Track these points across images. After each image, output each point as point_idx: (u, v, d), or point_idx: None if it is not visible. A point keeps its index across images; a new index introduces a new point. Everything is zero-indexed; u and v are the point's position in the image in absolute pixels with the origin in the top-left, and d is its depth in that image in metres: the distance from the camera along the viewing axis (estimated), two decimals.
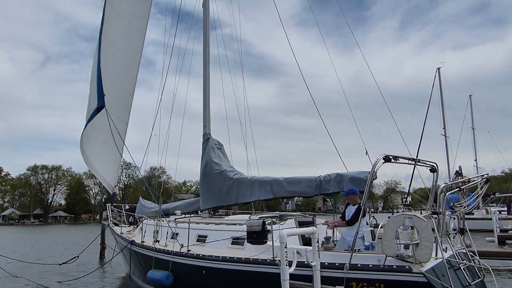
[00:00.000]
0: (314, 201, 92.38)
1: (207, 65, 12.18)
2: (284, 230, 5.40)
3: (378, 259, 5.63)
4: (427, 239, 5.20)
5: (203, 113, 12.03)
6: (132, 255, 11.09)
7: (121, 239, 12.68)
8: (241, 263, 7.12)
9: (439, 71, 36.47)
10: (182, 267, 8.42)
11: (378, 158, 5.94)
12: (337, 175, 8.48)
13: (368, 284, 5.59)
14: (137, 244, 10.67)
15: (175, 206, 12.98)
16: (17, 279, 13.93)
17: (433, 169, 7.04)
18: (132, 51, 13.74)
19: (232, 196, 10.50)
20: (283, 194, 9.57)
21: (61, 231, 50.53)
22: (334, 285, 5.71)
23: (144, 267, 10.14)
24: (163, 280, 8.62)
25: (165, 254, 8.94)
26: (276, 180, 9.59)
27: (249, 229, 6.88)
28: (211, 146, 11.40)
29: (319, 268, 5.64)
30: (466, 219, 6.97)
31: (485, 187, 6.16)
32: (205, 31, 12.46)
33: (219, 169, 10.83)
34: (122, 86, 13.59)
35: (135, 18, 13.47)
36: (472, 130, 41.60)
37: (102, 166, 14.45)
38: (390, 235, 5.43)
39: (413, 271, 5.30)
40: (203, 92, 12.09)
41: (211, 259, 7.67)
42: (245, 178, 10.34)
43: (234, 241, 8.03)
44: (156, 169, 70.25)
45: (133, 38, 13.64)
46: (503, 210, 30.27)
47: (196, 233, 8.96)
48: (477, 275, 6.24)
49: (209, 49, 12.36)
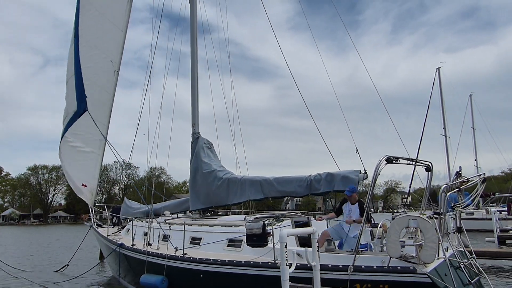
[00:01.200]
0: (314, 201, 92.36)
1: (195, 63, 11.91)
2: (284, 230, 5.38)
3: (382, 261, 5.64)
4: (432, 240, 5.21)
5: (192, 111, 11.77)
6: (122, 258, 10.65)
7: (108, 242, 12.20)
8: (241, 267, 6.93)
9: (439, 71, 36.47)
10: (177, 271, 8.14)
11: (381, 159, 5.97)
12: (327, 174, 8.39)
13: (372, 286, 5.59)
14: (127, 247, 10.27)
15: (163, 206, 12.66)
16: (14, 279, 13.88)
17: (428, 168, 7.07)
18: (110, 49, 13.13)
19: (222, 197, 10.26)
20: (274, 194, 9.39)
21: (62, 231, 50.53)
22: (338, 287, 5.72)
23: (136, 271, 9.74)
24: (157, 285, 8.29)
25: (159, 258, 8.65)
26: (267, 179, 9.43)
27: (249, 232, 6.75)
28: (201, 146, 11.15)
29: (319, 269, 5.63)
30: (466, 219, 7.04)
31: (482, 187, 6.22)
32: (192, 29, 12.13)
33: (209, 169, 10.59)
34: (101, 86, 13.05)
35: (114, 16, 13.00)
36: (472, 130, 41.61)
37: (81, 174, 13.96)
38: (394, 237, 5.45)
39: (417, 272, 5.32)
40: (191, 90, 11.86)
41: (209, 262, 7.44)
42: (235, 178, 10.13)
43: (230, 243, 7.82)
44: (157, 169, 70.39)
45: (112, 36, 13.11)
46: (503, 210, 30.30)
47: (190, 235, 8.68)
48: (474, 274, 6.27)
49: (197, 47, 12.08)
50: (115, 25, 12.98)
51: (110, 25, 12.91)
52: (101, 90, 13.01)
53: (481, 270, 6.39)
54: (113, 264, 12.41)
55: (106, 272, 14.68)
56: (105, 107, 13.19)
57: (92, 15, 12.66)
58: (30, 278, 13.78)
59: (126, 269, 10.74)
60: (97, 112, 12.79)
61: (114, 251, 11.17)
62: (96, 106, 12.79)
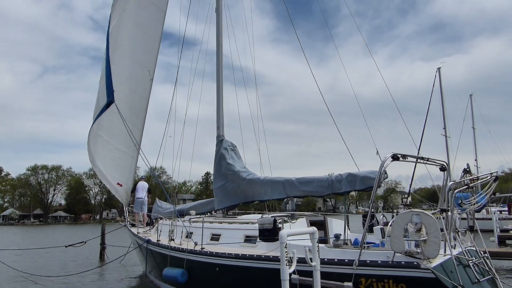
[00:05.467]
0: (314, 201, 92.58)
1: (220, 72, 12.45)
2: (284, 230, 5.46)
3: (387, 256, 5.73)
4: (435, 235, 5.29)
5: (217, 116, 12.29)
6: (148, 253, 11.32)
7: (137, 238, 12.92)
8: (253, 260, 7.26)
9: (439, 71, 36.45)
10: (196, 264, 8.58)
11: (387, 156, 6.04)
12: (348, 175, 8.59)
13: (377, 280, 5.68)
14: (153, 242, 10.87)
15: (190, 206, 13.23)
16: (16, 272, 14.06)
17: (443, 167, 7.13)
18: (145, 56, 13.62)
19: (245, 196, 10.71)
20: (296, 194, 9.73)
21: (62, 232, 50.61)
22: (343, 281, 5.80)
23: (160, 265, 10.32)
24: (178, 277, 8.79)
25: (180, 252, 9.12)
26: (288, 180, 9.74)
27: (261, 227, 7.08)
28: (225, 148, 11.55)
29: (319, 269, 5.70)
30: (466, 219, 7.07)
31: (494, 185, 6.25)
32: (218, 37, 12.67)
33: (233, 170, 11.01)
34: (136, 91, 13.48)
35: (148, 26, 13.49)
36: (472, 130, 41.64)
37: (114, 171, 14.05)
38: (398, 232, 5.54)
39: (421, 267, 5.39)
40: (216, 96, 12.40)
41: (224, 256, 7.83)
42: (258, 179, 10.49)
43: (246, 239, 8.21)
44: (157, 169, 70.41)
45: (147, 43, 13.59)
46: (503, 210, 30.38)
47: (210, 232, 9.14)
48: (487, 273, 6.26)
49: (222, 54, 12.61)
50: (150, 35, 13.59)
51: (145, 35, 13.48)
52: (138, 97, 13.63)
53: (493, 270, 6.35)
54: (141, 259, 13.29)
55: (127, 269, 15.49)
56: (140, 113, 13.83)
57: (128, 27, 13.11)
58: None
59: (152, 263, 11.38)
60: (135, 117, 13.39)
61: (140, 246, 11.94)
62: (133, 111, 13.34)
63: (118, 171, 13.98)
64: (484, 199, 6.41)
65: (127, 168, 14.19)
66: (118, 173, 14.03)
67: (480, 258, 6.45)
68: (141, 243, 11.91)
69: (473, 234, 6.96)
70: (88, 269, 14.34)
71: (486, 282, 6.02)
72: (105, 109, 11.95)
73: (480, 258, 6.45)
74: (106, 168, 13.74)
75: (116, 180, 14.10)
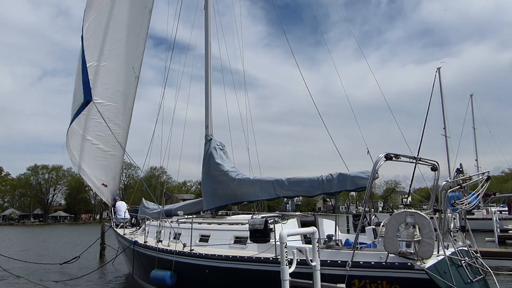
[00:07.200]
0: (314, 201, 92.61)
1: (208, 71, 12.22)
2: (284, 230, 5.43)
3: (380, 257, 5.65)
4: (429, 236, 5.21)
5: (205, 115, 12.04)
6: (135, 255, 11.10)
7: (123, 240, 12.68)
8: (244, 262, 7.13)
9: (439, 71, 36.40)
10: (185, 266, 8.43)
11: (380, 156, 5.96)
12: (339, 175, 8.50)
13: (370, 282, 5.60)
14: (140, 244, 10.66)
15: (177, 207, 12.94)
16: (18, 278, 13.92)
17: (434, 167, 7.05)
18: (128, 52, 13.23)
19: (234, 197, 10.48)
20: (286, 194, 9.56)
21: (62, 232, 50.56)
22: (336, 283, 5.71)
23: (147, 267, 10.13)
24: (166, 280, 8.59)
25: (168, 254, 8.94)
26: (278, 180, 9.58)
27: (252, 228, 6.93)
28: (213, 147, 11.31)
29: (319, 268, 5.64)
30: (467, 219, 6.97)
31: (486, 185, 6.17)
32: (206, 35, 12.43)
33: (222, 170, 10.76)
34: (118, 88, 13.12)
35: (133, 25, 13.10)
36: (473, 130, 41.55)
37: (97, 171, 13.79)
38: (391, 232, 5.45)
39: (415, 268, 5.32)
40: (205, 96, 12.17)
41: (214, 258, 7.69)
42: (247, 179, 10.29)
43: (236, 240, 8.06)
44: (156, 169, 70.41)
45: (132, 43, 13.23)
46: (503, 210, 30.25)
47: (199, 233, 9.00)
48: (478, 273, 6.23)
49: (211, 52, 12.37)
50: (134, 30, 13.19)
51: (130, 31, 13.10)
52: (122, 95, 13.24)
53: (487, 269, 6.32)
54: (127, 261, 13.07)
55: (116, 270, 15.14)
56: (126, 111, 13.47)
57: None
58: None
59: (139, 265, 11.17)
60: (121, 116, 13.02)
61: (127, 248, 11.67)
62: (121, 110, 13.01)
63: (103, 171, 13.72)
64: (476, 199, 6.31)
65: (112, 168, 13.87)
66: (103, 173, 13.77)
67: (473, 258, 6.40)
68: (128, 245, 11.63)
69: (464, 234, 6.89)
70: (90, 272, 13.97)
71: (477, 283, 5.98)
72: (83, 108, 11.69)
73: (473, 258, 6.40)
74: (90, 168, 13.50)
75: (101, 181, 13.84)
